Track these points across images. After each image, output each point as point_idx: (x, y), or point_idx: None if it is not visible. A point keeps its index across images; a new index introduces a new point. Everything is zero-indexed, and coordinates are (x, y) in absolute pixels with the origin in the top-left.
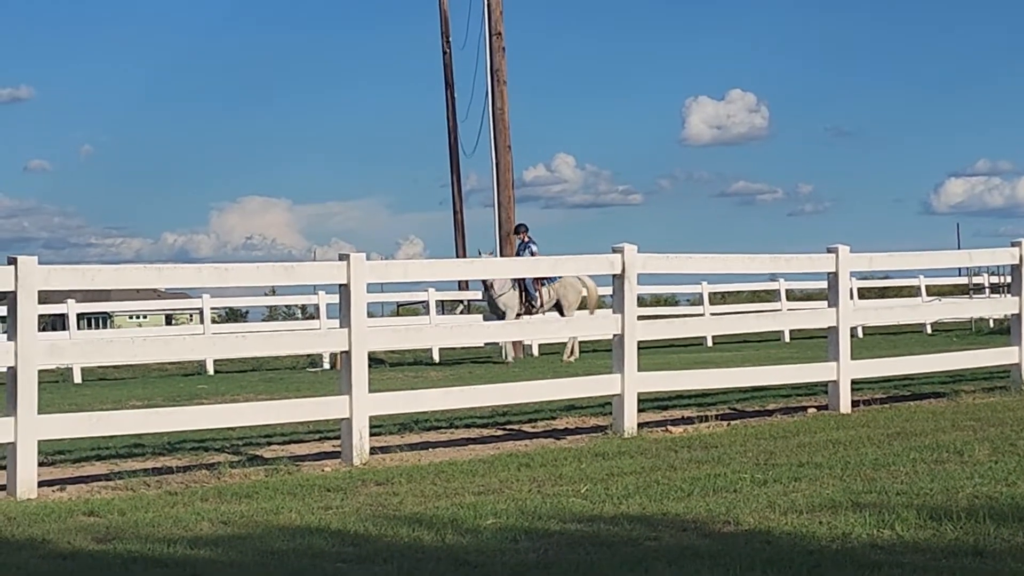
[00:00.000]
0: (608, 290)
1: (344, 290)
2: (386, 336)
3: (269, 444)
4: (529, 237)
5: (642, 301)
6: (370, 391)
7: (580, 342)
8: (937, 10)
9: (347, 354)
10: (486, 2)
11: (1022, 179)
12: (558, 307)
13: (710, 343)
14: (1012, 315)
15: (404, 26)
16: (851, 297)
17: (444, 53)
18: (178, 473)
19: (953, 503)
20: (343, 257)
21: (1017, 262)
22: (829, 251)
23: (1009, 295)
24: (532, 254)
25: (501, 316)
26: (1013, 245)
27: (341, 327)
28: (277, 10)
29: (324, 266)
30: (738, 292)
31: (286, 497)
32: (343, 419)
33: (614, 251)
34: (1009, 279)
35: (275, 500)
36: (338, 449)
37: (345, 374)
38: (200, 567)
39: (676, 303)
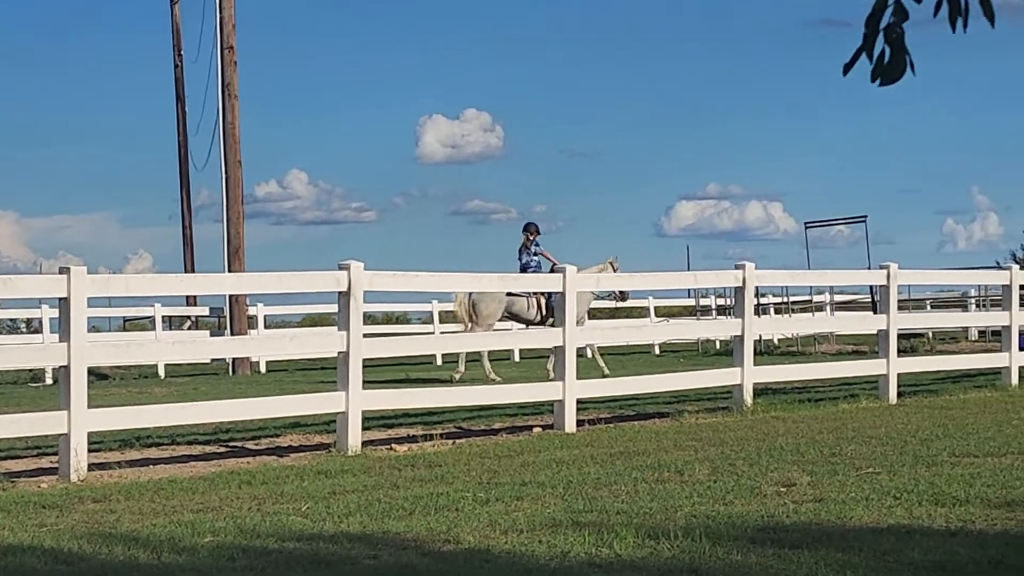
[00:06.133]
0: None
1: (64, 304)
2: (108, 351)
3: None
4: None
5: (373, 319)
6: (90, 406)
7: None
8: (671, 36)
9: (66, 369)
10: (218, 16)
11: (751, 203)
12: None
13: (440, 361)
14: (735, 337)
15: (136, 37)
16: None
17: (176, 66)
18: None
19: (671, 522)
20: (63, 270)
21: (740, 285)
22: (555, 271)
23: (733, 317)
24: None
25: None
26: (737, 268)
27: (60, 341)
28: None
29: (44, 279)
30: None
31: None
32: (61, 435)
33: (340, 268)
34: (734, 301)
35: None
36: (56, 465)
37: (63, 389)
38: None
39: (408, 321)
